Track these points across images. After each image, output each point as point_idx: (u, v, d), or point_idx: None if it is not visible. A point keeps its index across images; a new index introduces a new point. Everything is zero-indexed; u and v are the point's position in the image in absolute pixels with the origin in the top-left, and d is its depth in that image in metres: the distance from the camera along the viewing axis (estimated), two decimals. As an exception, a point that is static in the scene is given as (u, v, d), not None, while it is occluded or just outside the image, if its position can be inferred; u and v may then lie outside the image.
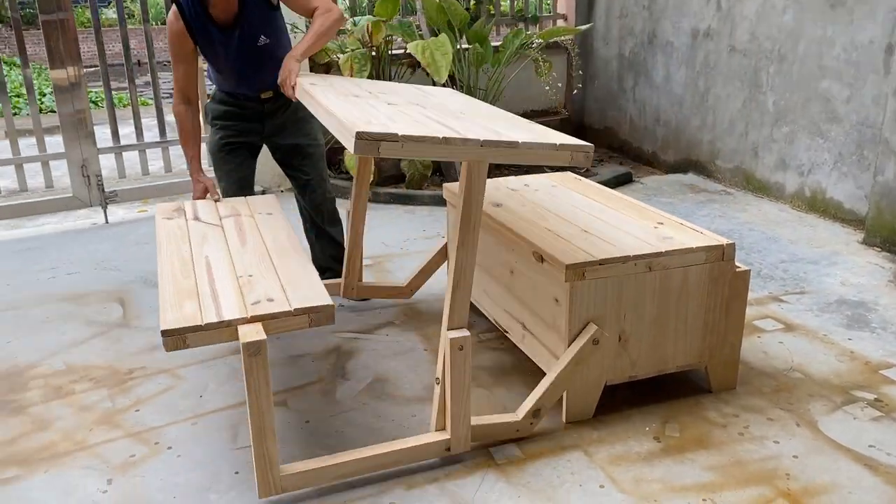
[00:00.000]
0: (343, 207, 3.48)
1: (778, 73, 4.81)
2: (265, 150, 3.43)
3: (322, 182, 3.41)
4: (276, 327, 2.11)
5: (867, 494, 2.19)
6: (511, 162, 2.09)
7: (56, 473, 2.35)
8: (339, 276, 3.55)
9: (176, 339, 2.01)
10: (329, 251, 3.54)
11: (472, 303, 3.27)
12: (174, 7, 2.97)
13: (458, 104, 2.63)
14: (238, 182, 3.29)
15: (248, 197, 3.14)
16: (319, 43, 2.99)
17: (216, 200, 3.06)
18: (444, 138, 1.97)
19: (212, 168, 3.43)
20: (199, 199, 3.14)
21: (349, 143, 1.94)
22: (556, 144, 2.11)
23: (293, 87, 2.83)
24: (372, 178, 5.20)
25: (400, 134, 1.94)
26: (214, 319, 2.05)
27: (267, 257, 2.49)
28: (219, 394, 2.78)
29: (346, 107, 2.28)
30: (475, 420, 2.41)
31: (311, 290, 2.24)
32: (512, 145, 2.04)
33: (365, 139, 1.91)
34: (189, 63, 3.08)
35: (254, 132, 3.28)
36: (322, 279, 3.54)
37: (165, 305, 2.14)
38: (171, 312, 2.09)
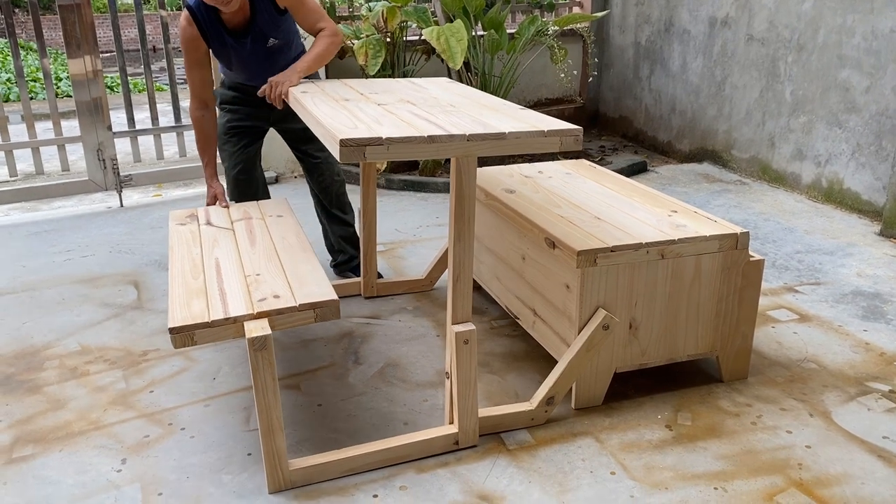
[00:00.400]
0: (354, 194, 3.48)
1: (796, 62, 4.76)
2: (278, 136, 3.44)
3: (331, 165, 3.44)
4: (282, 323, 2.14)
5: (880, 485, 2.18)
6: (501, 153, 2.08)
7: (71, 452, 2.38)
8: (351, 260, 3.60)
9: (184, 336, 2.06)
10: (338, 232, 3.57)
11: (484, 289, 3.28)
12: (186, 13, 2.97)
13: (451, 97, 2.62)
14: (242, 163, 3.30)
15: (259, 201, 3.17)
16: (318, 65, 3.04)
17: (225, 207, 3.08)
18: (430, 137, 1.97)
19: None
20: (209, 205, 3.17)
21: (335, 151, 1.94)
22: (543, 131, 2.09)
23: (282, 95, 2.83)
24: (384, 167, 5.21)
25: (384, 137, 1.94)
26: (221, 316, 2.10)
27: (275, 257, 2.52)
28: (232, 376, 2.80)
29: (333, 113, 2.27)
30: (490, 410, 2.42)
31: (317, 286, 2.27)
32: (499, 136, 2.03)
33: (349, 145, 1.91)
34: (204, 67, 3.10)
35: (261, 117, 3.30)
36: (334, 262, 3.63)
37: (174, 305, 2.18)
38: (179, 311, 2.14)
